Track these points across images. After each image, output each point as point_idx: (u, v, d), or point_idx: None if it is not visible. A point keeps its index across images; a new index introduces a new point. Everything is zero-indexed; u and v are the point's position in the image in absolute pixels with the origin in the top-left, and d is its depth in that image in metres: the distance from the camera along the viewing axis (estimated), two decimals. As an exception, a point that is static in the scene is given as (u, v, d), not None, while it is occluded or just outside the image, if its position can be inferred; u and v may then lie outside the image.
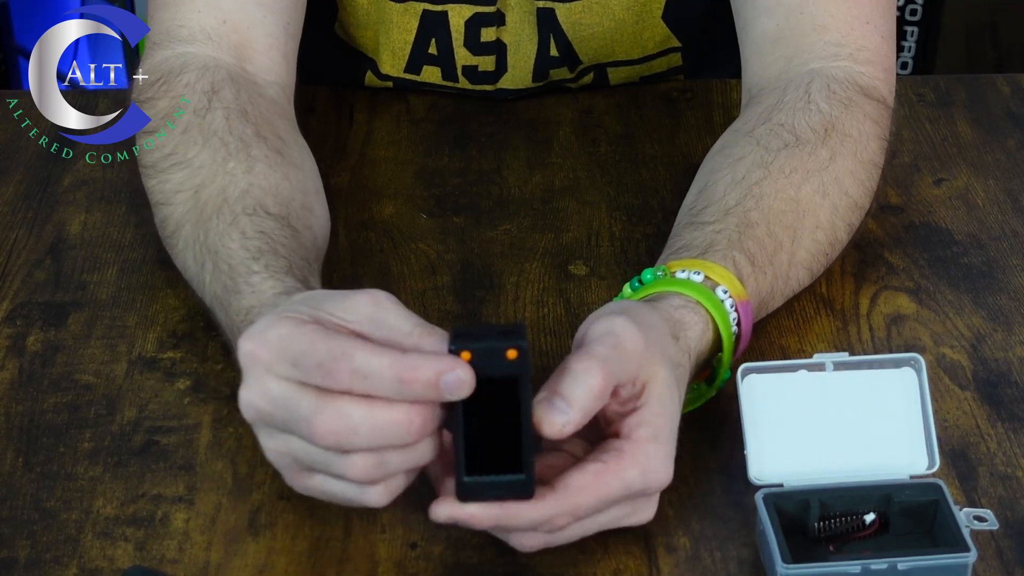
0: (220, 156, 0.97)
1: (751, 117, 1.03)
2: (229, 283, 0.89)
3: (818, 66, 1.04)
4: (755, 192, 0.96)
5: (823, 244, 0.98)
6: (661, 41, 1.23)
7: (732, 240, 0.93)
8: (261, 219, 0.93)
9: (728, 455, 0.88)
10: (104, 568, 0.83)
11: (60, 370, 0.97)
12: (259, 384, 0.77)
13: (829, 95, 1.02)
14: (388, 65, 1.22)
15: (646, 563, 0.83)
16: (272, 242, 0.91)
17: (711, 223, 0.94)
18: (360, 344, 0.76)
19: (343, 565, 0.83)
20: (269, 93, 1.05)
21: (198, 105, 1.00)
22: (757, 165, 0.98)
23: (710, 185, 0.99)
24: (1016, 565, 0.83)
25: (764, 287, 0.93)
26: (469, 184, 1.15)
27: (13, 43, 2.28)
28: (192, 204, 0.95)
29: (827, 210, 0.97)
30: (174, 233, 0.97)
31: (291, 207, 0.96)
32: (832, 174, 0.98)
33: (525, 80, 1.22)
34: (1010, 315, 1.01)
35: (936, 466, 0.85)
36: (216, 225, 0.93)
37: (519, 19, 1.19)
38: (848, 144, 1.00)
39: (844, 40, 1.05)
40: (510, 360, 0.76)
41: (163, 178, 0.98)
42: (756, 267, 0.92)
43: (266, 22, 1.06)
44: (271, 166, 0.97)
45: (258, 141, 0.98)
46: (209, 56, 1.04)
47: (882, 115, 1.04)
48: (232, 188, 0.95)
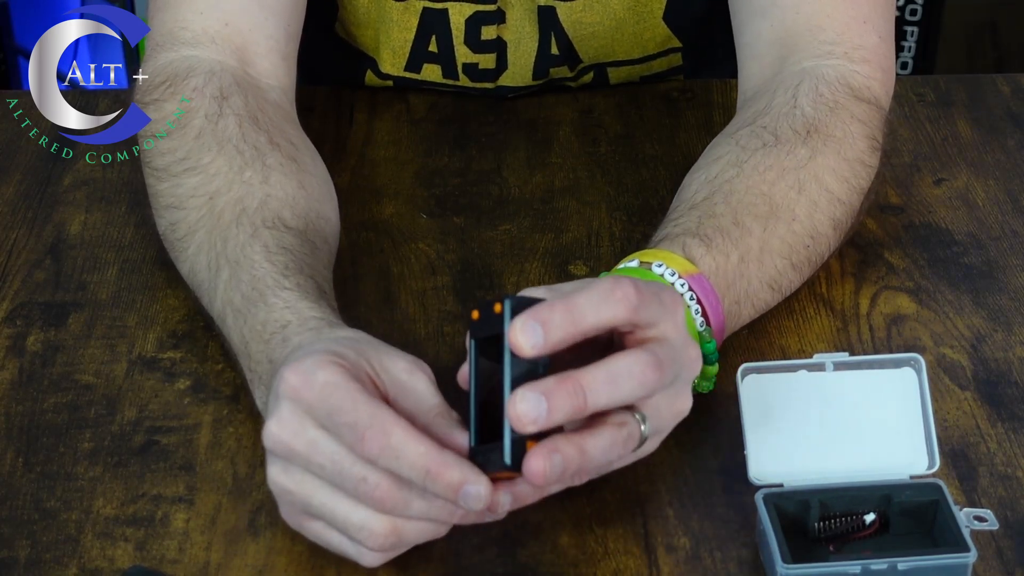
0: (236, 164, 0.97)
1: (739, 121, 1.03)
2: (251, 293, 0.89)
3: (810, 65, 1.04)
4: (724, 189, 0.96)
5: (801, 236, 0.96)
6: (662, 41, 1.23)
7: (687, 229, 0.93)
8: (282, 234, 0.93)
9: (728, 455, 0.88)
10: (104, 568, 0.83)
11: (60, 370, 0.97)
12: (296, 422, 0.77)
13: (816, 98, 1.01)
14: (388, 64, 1.22)
15: (646, 563, 0.83)
16: (297, 260, 0.91)
17: (673, 220, 0.95)
18: (399, 422, 0.76)
19: (343, 565, 0.82)
20: (273, 97, 1.05)
21: (209, 111, 1.00)
22: (731, 164, 0.98)
23: (684, 187, 0.99)
24: (1016, 565, 0.83)
25: (729, 267, 0.92)
26: (469, 184, 1.15)
27: (13, 43, 2.28)
28: (207, 210, 0.95)
29: (804, 204, 0.97)
30: (185, 237, 0.96)
31: (308, 219, 0.96)
32: (810, 171, 0.98)
33: (525, 78, 1.22)
34: (1010, 315, 1.01)
35: (936, 466, 0.85)
36: (236, 235, 0.93)
37: (520, 17, 1.19)
38: (831, 144, 0.99)
39: (839, 39, 1.05)
40: (498, 315, 0.77)
41: (176, 182, 0.98)
42: (713, 247, 0.92)
43: (268, 24, 1.06)
44: (286, 175, 0.97)
45: (272, 149, 0.98)
46: (214, 60, 1.04)
47: (871, 116, 1.03)
48: (250, 199, 0.95)
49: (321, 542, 0.81)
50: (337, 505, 0.78)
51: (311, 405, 0.77)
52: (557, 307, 0.76)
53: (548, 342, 0.75)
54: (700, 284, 0.89)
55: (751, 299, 0.94)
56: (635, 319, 0.78)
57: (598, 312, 0.77)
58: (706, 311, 0.89)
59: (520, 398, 0.75)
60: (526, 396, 0.75)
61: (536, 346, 0.75)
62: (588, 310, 0.77)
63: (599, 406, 0.77)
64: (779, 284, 0.96)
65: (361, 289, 1.03)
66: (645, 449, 0.82)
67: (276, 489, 0.80)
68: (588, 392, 0.76)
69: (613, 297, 0.77)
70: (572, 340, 0.77)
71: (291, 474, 0.79)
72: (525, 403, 0.75)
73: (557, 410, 0.75)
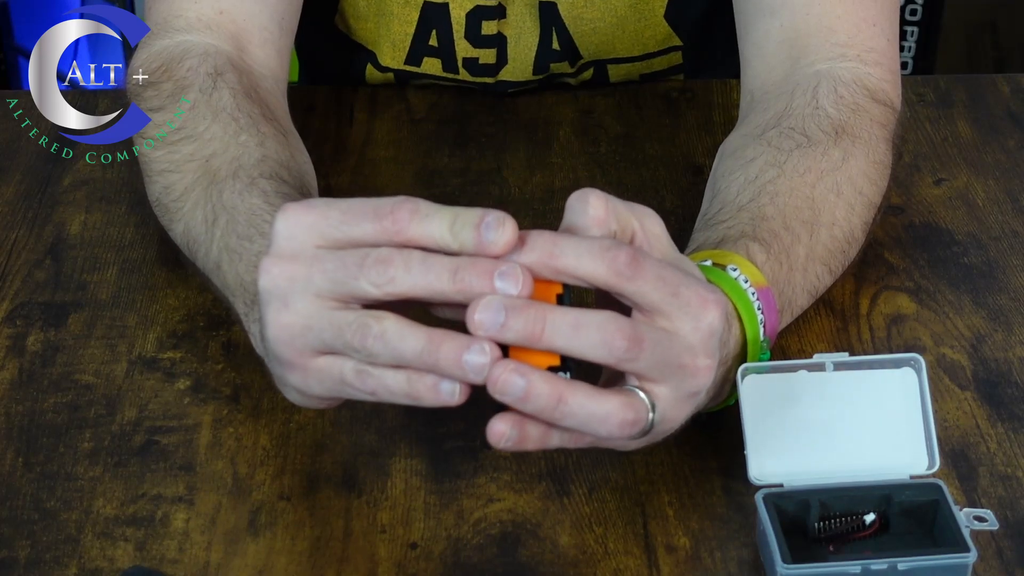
0: (231, 130, 0.97)
1: (760, 122, 1.02)
2: (248, 231, 0.88)
3: (824, 67, 1.04)
4: (769, 190, 0.95)
5: (840, 241, 0.96)
6: (662, 40, 1.23)
7: (745, 232, 0.91)
8: (280, 184, 0.93)
9: (728, 455, 0.88)
10: (104, 568, 0.83)
11: (60, 370, 0.97)
12: (296, 243, 0.76)
13: (837, 99, 1.01)
14: (388, 57, 1.22)
15: (646, 563, 0.83)
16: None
17: (724, 221, 0.93)
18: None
19: (343, 565, 0.83)
20: (266, 85, 1.05)
21: (204, 85, 1.01)
22: (770, 165, 0.97)
23: (723, 188, 0.97)
24: (1016, 565, 0.83)
25: (781, 276, 0.91)
26: (469, 184, 1.15)
27: (13, 43, 2.28)
28: (203, 171, 0.96)
29: (843, 208, 0.97)
30: (180, 197, 0.96)
31: (304, 181, 0.96)
32: (845, 174, 0.97)
33: (526, 73, 1.22)
34: (1010, 315, 1.01)
35: (936, 466, 0.85)
36: (233, 185, 0.93)
37: (520, 12, 1.19)
38: (859, 145, 0.99)
39: (851, 41, 1.04)
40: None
41: (171, 149, 0.99)
42: (771, 255, 0.90)
43: (262, 16, 1.07)
44: (280, 144, 0.98)
45: (266, 121, 0.99)
46: (208, 43, 1.04)
47: (889, 118, 1.03)
48: (247, 156, 0.95)
49: (331, 379, 0.78)
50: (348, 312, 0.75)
51: (311, 224, 0.76)
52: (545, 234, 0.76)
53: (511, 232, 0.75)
54: (767, 298, 0.87)
55: (792, 307, 0.94)
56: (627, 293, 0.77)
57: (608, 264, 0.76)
58: (767, 322, 0.87)
59: (484, 304, 0.74)
60: (490, 303, 0.74)
61: (506, 242, 0.74)
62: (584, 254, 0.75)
63: (555, 346, 0.75)
64: (816, 290, 0.96)
65: (361, 289, 1.03)
66: (639, 441, 0.81)
67: (278, 333, 0.77)
68: (548, 324, 0.74)
69: (608, 255, 0.76)
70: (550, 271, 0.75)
71: (293, 305, 0.76)
72: (486, 310, 0.74)
73: (511, 328, 0.74)
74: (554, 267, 0.75)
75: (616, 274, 0.76)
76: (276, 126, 1.00)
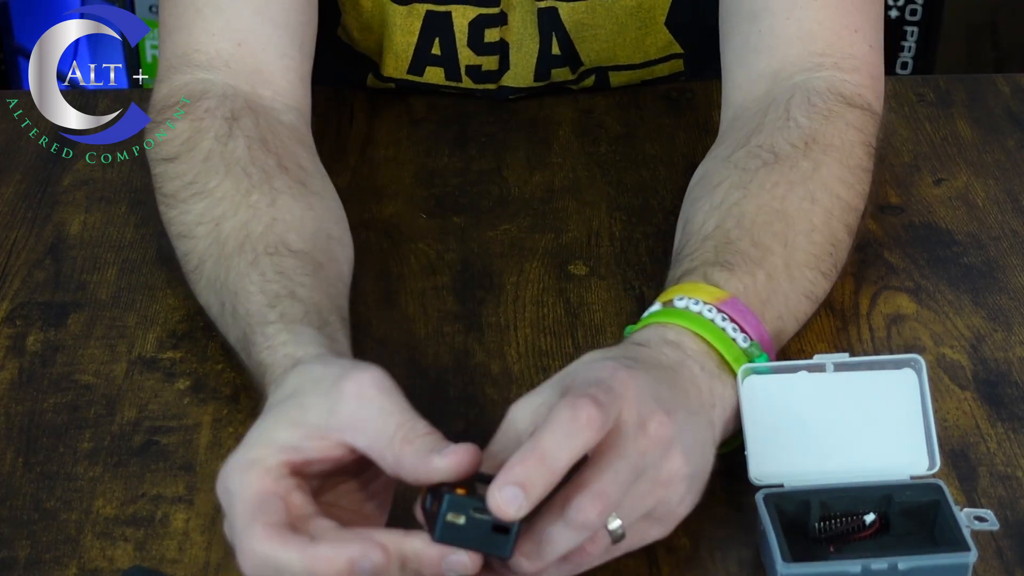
0: (243, 187, 0.96)
1: (731, 142, 1.02)
2: (248, 331, 0.89)
3: (801, 79, 1.03)
4: (734, 212, 0.95)
5: (824, 245, 0.96)
6: (663, 47, 1.23)
7: (707, 260, 0.91)
8: (282, 259, 0.92)
9: (728, 455, 0.88)
10: (104, 568, 0.83)
11: (60, 370, 0.97)
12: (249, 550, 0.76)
13: (809, 108, 1.01)
14: (391, 67, 1.22)
15: (646, 563, 0.83)
16: (291, 283, 0.90)
17: (689, 255, 0.93)
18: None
19: (343, 565, 0.82)
20: (287, 119, 1.04)
21: (220, 132, 0.99)
22: (735, 187, 0.96)
23: (690, 218, 0.97)
24: (1016, 565, 0.83)
25: (759, 286, 0.91)
26: (469, 184, 1.15)
27: (13, 43, 2.28)
28: (214, 238, 0.95)
29: (820, 214, 0.96)
30: (196, 268, 0.96)
31: (316, 240, 0.95)
32: (818, 181, 0.97)
33: (527, 79, 1.22)
34: (1010, 315, 1.01)
35: (936, 466, 0.85)
36: (237, 264, 0.92)
37: (522, 18, 1.19)
38: (832, 153, 0.99)
39: (829, 49, 1.04)
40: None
41: (183, 208, 0.98)
42: (736, 271, 0.90)
43: (282, 42, 1.05)
44: (294, 197, 0.97)
45: (280, 172, 0.98)
46: (227, 84, 1.03)
47: (866, 122, 1.02)
48: (255, 223, 0.94)
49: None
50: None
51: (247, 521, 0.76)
52: (529, 461, 0.74)
53: (530, 501, 0.74)
54: (733, 306, 0.87)
55: (793, 313, 0.93)
56: (605, 431, 0.77)
57: (571, 447, 0.75)
58: (745, 329, 0.87)
59: (499, 495, 0.73)
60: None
61: (521, 508, 0.74)
62: (560, 451, 0.74)
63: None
64: (815, 294, 0.95)
65: (361, 289, 1.03)
66: (660, 530, 0.82)
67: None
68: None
69: (579, 425, 0.75)
70: (552, 487, 0.75)
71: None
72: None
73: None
74: (559, 474, 0.75)
75: (599, 428, 0.76)
76: (292, 176, 0.98)
